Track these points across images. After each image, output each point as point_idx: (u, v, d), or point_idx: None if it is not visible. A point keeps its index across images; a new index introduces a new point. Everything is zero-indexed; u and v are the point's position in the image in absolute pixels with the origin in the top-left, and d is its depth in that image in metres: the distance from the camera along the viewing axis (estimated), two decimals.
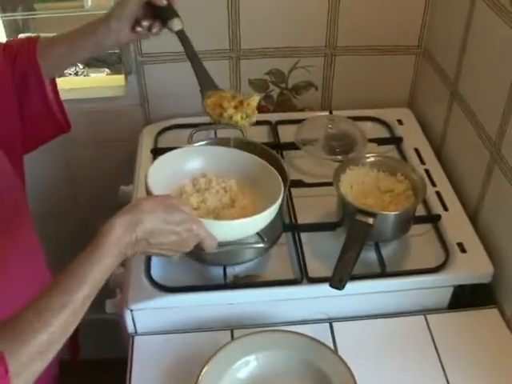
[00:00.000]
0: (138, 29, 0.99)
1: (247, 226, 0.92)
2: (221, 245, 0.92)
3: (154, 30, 1.00)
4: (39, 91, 1.01)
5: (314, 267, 1.06)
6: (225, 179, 1.03)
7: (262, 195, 1.00)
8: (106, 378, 1.12)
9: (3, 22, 1.70)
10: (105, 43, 1.01)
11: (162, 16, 1.00)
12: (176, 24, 0.99)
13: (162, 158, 1.01)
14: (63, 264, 0.72)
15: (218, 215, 0.97)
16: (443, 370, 0.97)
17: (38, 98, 1.02)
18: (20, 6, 2.08)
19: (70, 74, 1.72)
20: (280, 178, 0.99)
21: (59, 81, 1.08)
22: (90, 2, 2.08)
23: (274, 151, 1.11)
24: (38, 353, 0.65)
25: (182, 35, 1.01)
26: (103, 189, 1.58)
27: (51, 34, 1.04)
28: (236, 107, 1.00)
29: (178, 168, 1.03)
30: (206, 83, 1.02)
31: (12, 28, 1.83)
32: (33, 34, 1.76)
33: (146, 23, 0.99)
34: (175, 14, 1.00)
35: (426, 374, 0.97)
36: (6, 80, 0.98)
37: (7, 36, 1.70)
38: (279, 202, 0.94)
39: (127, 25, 0.99)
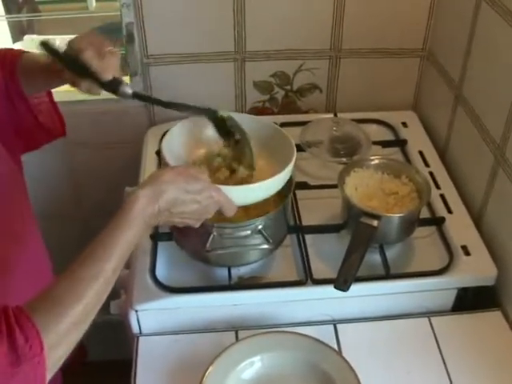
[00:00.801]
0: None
1: (261, 190, 0.96)
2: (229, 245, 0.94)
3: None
4: (23, 103, 0.98)
5: (319, 269, 1.06)
6: None
7: (274, 159, 1.03)
8: (111, 378, 1.12)
9: (8, 23, 1.71)
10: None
11: (108, 89, 0.92)
12: (126, 90, 0.92)
13: (174, 129, 1.04)
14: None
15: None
16: (447, 372, 0.97)
17: (23, 108, 0.99)
18: (25, 7, 2.09)
19: None
20: (292, 141, 1.03)
21: None
22: (94, 4, 2.08)
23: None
24: (74, 323, 0.68)
25: (139, 95, 0.96)
26: (107, 191, 1.57)
27: (54, 36, 1.03)
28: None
29: (192, 136, 1.06)
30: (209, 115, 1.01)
31: (17, 29, 1.84)
32: (39, 36, 1.78)
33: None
34: (118, 82, 0.91)
35: (430, 376, 0.97)
36: None
37: (12, 37, 1.71)
38: (292, 164, 0.98)
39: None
